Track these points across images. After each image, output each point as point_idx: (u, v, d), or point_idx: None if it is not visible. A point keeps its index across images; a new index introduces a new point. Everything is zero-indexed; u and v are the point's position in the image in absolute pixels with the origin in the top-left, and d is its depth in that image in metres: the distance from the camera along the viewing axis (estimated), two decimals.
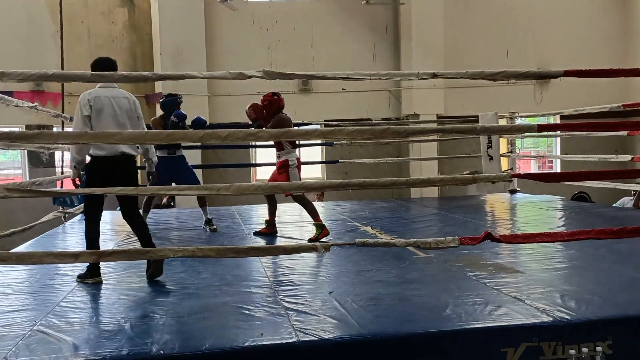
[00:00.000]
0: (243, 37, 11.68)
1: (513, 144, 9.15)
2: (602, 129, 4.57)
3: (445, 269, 3.85)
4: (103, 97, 3.63)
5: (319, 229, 4.95)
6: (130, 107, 3.74)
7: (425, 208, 7.64)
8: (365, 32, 12.00)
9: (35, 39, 10.55)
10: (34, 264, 3.64)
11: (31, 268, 4.00)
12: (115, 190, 2.74)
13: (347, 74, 2.92)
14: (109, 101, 3.64)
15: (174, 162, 5.80)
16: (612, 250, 4.20)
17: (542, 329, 2.67)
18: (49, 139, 3.63)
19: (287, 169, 5.00)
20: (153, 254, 2.73)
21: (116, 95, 3.70)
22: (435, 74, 2.95)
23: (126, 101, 3.72)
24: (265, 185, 2.81)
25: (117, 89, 3.75)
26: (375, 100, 11.89)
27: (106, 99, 3.64)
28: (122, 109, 3.69)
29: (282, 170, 5.04)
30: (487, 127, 4.28)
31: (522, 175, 3.02)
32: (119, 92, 3.74)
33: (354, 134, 2.85)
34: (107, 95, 3.65)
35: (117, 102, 3.68)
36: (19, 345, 2.51)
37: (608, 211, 7.01)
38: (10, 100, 4.24)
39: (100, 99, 3.62)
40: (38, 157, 10.42)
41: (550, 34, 12.14)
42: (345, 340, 2.55)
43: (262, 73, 2.82)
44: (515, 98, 11.64)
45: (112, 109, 3.64)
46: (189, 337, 2.58)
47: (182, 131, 3.98)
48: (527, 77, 3.01)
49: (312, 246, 2.90)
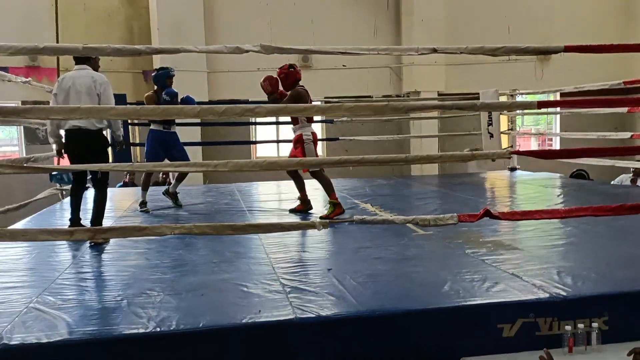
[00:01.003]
0: (242, 12, 11.52)
1: (513, 121, 9.09)
2: (601, 105, 4.53)
3: (444, 246, 3.85)
4: (68, 78, 4.06)
5: (332, 207, 4.90)
6: (90, 85, 4.04)
7: (425, 185, 7.62)
8: (366, 7, 11.84)
9: (30, 14, 10.40)
10: (28, 241, 3.63)
11: (28, 245, 3.99)
12: (110, 167, 2.71)
13: (345, 49, 2.87)
14: (72, 81, 4.03)
15: (168, 137, 5.76)
16: (610, 227, 4.20)
17: (539, 305, 2.67)
18: (40, 114, 3.59)
19: (302, 143, 4.93)
20: (150, 232, 2.71)
21: (82, 76, 4.05)
22: (435, 49, 2.90)
23: (88, 80, 4.04)
24: (263, 161, 2.78)
25: (85, 71, 4.10)
26: (376, 77, 11.79)
27: (71, 79, 4.05)
28: (83, 87, 4.02)
29: (297, 145, 4.99)
30: (487, 103, 4.24)
31: (521, 152, 2.99)
32: (86, 73, 4.09)
33: (353, 110, 2.81)
34: (72, 75, 4.07)
35: (80, 81, 4.03)
36: (14, 322, 2.51)
37: (607, 188, 7.00)
38: (3, 75, 4.18)
39: (66, 79, 4.06)
40: (34, 134, 10.37)
41: (551, 10, 11.98)
42: (343, 317, 2.55)
43: (260, 47, 2.77)
44: (516, 75, 11.54)
45: (74, 87, 4.02)
46: (187, 314, 2.58)
47: (178, 107, 3.95)
48: (527, 52, 2.96)
49: (311, 223, 2.89)
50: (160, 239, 3.98)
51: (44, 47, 2.53)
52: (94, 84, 4.04)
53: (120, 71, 10.96)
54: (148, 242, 4.01)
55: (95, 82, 4.05)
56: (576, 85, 7.55)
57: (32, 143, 10.54)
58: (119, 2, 11.31)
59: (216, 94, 11.19)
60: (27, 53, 2.61)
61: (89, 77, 4.05)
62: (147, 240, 4.01)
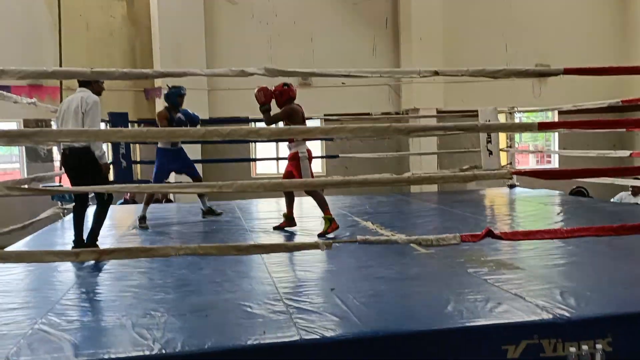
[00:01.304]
0: (243, 30, 11.63)
1: (512, 138, 9.15)
2: (601, 127, 4.57)
3: (446, 265, 3.86)
4: (66, 102, 4.27)
5: (327, 222, 4.93)
6: (78, 104, 4.16)
7: (424, 202, 7.64)
8: (365, 26, 11.97)
9: (32, 32, 10.50)
10: (34, 262, 3.63)
11: (29, 265, 3.99)
12: (132, 187, 2.73)
13: (349, 72, 2.91)
14: (68, 103, 4.23)
15: (177, 153, 5.94)
16: (611, 246, 4.21)
17: (543, 326, 2.68)
18: (48, 137, 3.62)
19: (298, 160, 5.00)
20: (155, 252, 2.73)
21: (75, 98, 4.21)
22: (437, 72, 2.94)
23: (77, 101, 4.17)
24: (267, 182, 2.80)
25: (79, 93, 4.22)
26: (375, 94, 11.87)
27: (67, 102, 4.25)
28: (71, 108, 4.19)
29: (293, 161, 5.06)
30: (489, 125, 4.30)
31: (522, 172, 3.02)
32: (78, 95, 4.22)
33: (356, 132, 2.85)
34: (69, 99, 4.26)
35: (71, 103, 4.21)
36: (20, 344, 2.51)
37: (606, 206, 7.02)
38: (9, 96, 4.22)
39: (64, 103, 4.28)
40: (36, 152, 10.40)
41: (549, 28, 12.12)
42: (348, 338, 2.56)
43: (264, 70, 2.81)
44: (514, 92, 11.62)
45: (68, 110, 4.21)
46: (192, 335, 2.58)
47: (184, 129, 4.00)
48: (527, 75, 3.00)
49: (314, 244, 2.91)
50: (163, 259, 3.98)
51: (52, 71, 2.56)
52: (81, 103, 4.18)
53: (122, 89, 11.04)
54: (150, 261, 4.02)
55: (82, 100, 4.18)
56: (575, 102, 7.63)
57: (33, 161, 10.56)
58: (121, 22, 11.43)
59: (217, 111, 11.26)
60: (37, 77, 2.64)
61: (79, 99, 4.21)
62: (149, 260, 4.01)
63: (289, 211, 5.36)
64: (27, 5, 10.57)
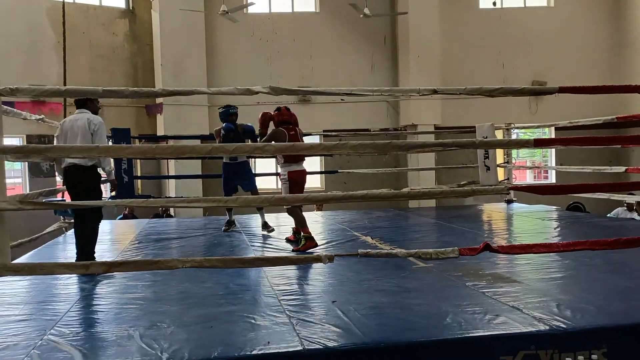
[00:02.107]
0: (243, 48, 11.81)
1: (509, 154, 9.26)
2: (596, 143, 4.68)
3: (444, 279, 3.93)
4: (68, 121, 4.47)
5: (303, 240, 5.03)
6: (85, 125, 4.41)
7: (423, 218, 7.72)
8: (364, 43, 12.16)
9: (36, 49, 10.65)
10: (45, 275, 3.70)
11: (34, 278, 4.06)
12: (139, 202, 2.81)
13: (350, 90, 3.01)
14: (71, 124, 4.44)
15: (237, 166, 6.23)
16: (607, 259, 4.30)
17: (540, 337, 2.75)
18: (61, 153, 3.70)
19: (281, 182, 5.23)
20: (162, 265, 2.80)
21: (79, 119, 4.44)
22: (435, 90, 3.05)
23: (84, 122, 4.42)
24: (271, 197, 2.89)
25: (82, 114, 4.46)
26: (374, 110, 12.02)
27: (70, 122, 4.45)
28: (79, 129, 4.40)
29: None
30: (486, 141, 4.40)
31: (519, 187, 3.12)
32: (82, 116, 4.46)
33: (357, 148, 2.94)
34: (72, 119, 4.47)
35: (77, 123, 4.41)
36: (31, 354, 2.57)
37: (602, 221, 7.12)
38: (19, 113, 4.32)
39: (66, 122, 4.47)
40: (38, 167, 10.48)
41: (545, 46, 12.33)
42: (350, 348, 2.63)
43: (269, 89, 2.91)
44: (511, 108, 11.79)
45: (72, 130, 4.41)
46: (198, 345, 2.65)
47: (191, 145, 4.09)
48: (523, 93, 3.11)
49: (317, 257, 2.98)
50: (166, 272, 4.05)
51: (65, 89, 2.66)
52: (89, 124, 4.42)
53: (124, 105, 11.19)
54: (152, 274, 4.09)
55: (90, 122, 4.43)
56: (572, 118, 7.75)
57: (35, 176, 10.63)
58: (124, 39, 11.59)
59: (217, 127, 11.35)
60: (50, 95, 2.74)
61: (85, 120, 4.44)
62: (152, 273, 4.08)
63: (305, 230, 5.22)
64: (30, 22, 10.75)
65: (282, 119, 5.30)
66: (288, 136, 5.17)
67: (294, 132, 5.25)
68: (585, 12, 12.59)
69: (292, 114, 5.38)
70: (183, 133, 9.98)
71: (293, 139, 5.19)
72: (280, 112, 5.34)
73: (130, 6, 11.69)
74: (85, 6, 11.21)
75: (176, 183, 10.90)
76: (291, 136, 5.18)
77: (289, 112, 5.36)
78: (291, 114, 5.38)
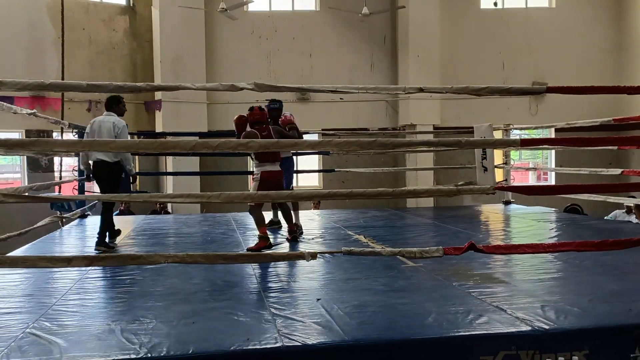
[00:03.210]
0: (243, 46, 11.82)
1: (508, 155, 9.24)
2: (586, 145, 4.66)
3: (432, 278, 3.93)
4: (97, 122, 5.17)
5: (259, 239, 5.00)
6: (110, 128, 5.11)
7: (419, 218, 7.72)
8: (364, 42, 12.15)
9: (36, 45, 10.68)
10: (28, 268, 3.72)
11: (26, 271, 4.08)
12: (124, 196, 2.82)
13: (335, 87, 3.01)
14: (99, 125, 5.13)
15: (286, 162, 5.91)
16: (597, 262, 4.28)
17: (520, 337, 2.75)
18: (45, 147, 3.72)
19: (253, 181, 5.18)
20: (144, 260, 2.81)
21: (106, 121, 5.15)
22: (421, 89, 3.05)
23: (110, 125, 5.13)
24: (255, 194, 2.89)
25: (109, 117, 5.18)
26: (373, 110, 12.02)
27: (99, 123, 5.15)
28: (105, 130, 5.10)
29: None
30: (472, 141, 4.39)
31: (505, 188, 3.11)
32: (109, 119, 5.17)
33: (341, 146, 2.94)
34: (100, 120, 5.17)
35: (105, 125, 5.11)
36: (11, 346, 2.59)
37: (598, 223, 7.08)
38: (9, 107, 4.34)
39: (95, 122, 5.18)
40: (37, 162, 10.52)
41: (546, 47, 12.29)
42: (328, 345, 2.63)
43: (254, 85, 2.91)
44: (511, 109, 11.78)
45: (99, 130, 5.10)
46: (177, 340, 2.66)
47: (174, 140, 4.10)
48: (510, 92, 3.10)
49: (300, 254, 2.99)
50: (155, 268, 4.07)
51: (49, 83, 2.67)
52: (113, 128, 5.12)
53: None
54: (142, 270, 4.10)
55: (115, 126, 5.14)
56: (570, 119, 7.71)
57: (34, 171, 10.67)
58: (123, 36, 11.62)
59: (215, 124, 11.40)
60: (34, 89, 2.75)
61: (111, 122, 5.15)
62: (142, 269, 4.09)
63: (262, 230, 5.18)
64: (31, 18, 10.77)
65: (254, 119, 5.25)
66: (260, 137, 5.10)
67: (267, 132, 5.18)
68: (586, 13, 12.54)
69: (262, 114, 5.28)
70: (181, 130, 9.99)
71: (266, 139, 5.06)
72: (252, 112, 5.27)
73: (130, 3, 11.71)
74: (86, 2, 11.23)
75: (174, 180, 10.92)
76: (263, 137, 5.11)
77: (261, 112, 5.28)
78: (263, 113, 5.29)
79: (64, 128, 7.22)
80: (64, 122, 7.07)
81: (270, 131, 5.20)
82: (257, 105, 5.35)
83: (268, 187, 5.00)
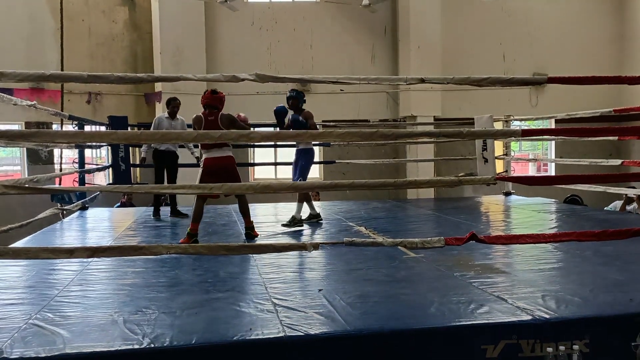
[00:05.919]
0: (243, 37, 11.77)
1: (508, 146, 9.24)
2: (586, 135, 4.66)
3: (433, 269, 3.94)
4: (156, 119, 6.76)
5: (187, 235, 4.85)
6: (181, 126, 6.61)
7: (420, 209, 7.73)
8: (365, 34, 12.10)
9: (36, 37, 10.64)
10: (30, 259, 3.73)
11: (28, 263, 4.09)
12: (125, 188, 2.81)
13: (337, 78, 3.01)
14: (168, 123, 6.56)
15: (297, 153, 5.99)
16: (598, 252, 4.29)
17: (521, 327, 2.76)
18: (46, 138, 3.72)
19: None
20: (146, 251, 2.82)
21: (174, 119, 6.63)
22: (422, 79, 3.04)
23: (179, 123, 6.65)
24: (255, 184, 2.90)
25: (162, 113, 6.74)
26: (373, 102, 11.98)
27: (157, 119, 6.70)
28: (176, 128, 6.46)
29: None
30: (473, 131, 4.39)
31: (505, 178, 3.12)
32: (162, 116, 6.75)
33: (343, 136, 2.94)
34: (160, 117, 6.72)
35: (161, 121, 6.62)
36: (14, 337, 2.60)
37: (598, 214, 7.10)
38: (9, 98, 4.33)
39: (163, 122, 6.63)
40: (37, 154, 10.51)
41: (547, 38, 12.24)
42: (331, 335, 2.64)
43: (255, 76, 2.90)
44: (511, 101, 11.75)
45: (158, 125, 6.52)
46: (180, 331, 2.67)
47: (177, 132, 4.09)
48: (511, 83, 3.10)
49: (302, 245, 2.99)
50: (158, 259, 4.08)
51: (50, 74, 2.66)
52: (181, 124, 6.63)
53: (123, 94, 11.19)
54: (145, 261, 4.11)
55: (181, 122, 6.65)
56: (571, 110, 7.72)
57: (34, 163, 10.66)
58: (123, 27, 11.57)
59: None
60: (34, 80, 2.74)
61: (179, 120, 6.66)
62: (144, 260, 4.11)
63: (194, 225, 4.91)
64: (31, 10, 10.72)
65: (204, 102, 4.98)
66: (205, 121, 4.88)
67: (213, 116, 4.90)
68: (587, 4, 12.47)
69: (214, 97, 4.97)
70: None
71: (212, 124, 4.84)
72: (203, 95, 5.02)
73: None
74: None
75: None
76: (208, 122, 4.86)
77: (210, 96, 4.98)
78: (212, 97, 4.98)
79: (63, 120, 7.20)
80: (64, 114, 7.06)
81: (218, 117, 4.91)
82: (211, 89, 5.10)
83: (214, 176, 4.64)
